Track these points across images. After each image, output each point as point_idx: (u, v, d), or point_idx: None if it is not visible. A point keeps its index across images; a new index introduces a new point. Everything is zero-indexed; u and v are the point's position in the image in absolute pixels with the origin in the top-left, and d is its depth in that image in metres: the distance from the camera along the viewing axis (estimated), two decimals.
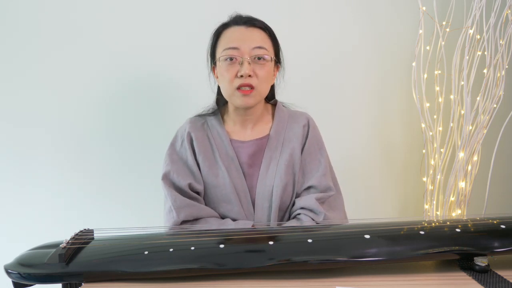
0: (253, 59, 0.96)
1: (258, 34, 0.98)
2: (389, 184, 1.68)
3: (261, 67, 0.97)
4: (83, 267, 0.71)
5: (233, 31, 0.98)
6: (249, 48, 0.95)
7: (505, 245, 0.71)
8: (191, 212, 0.98)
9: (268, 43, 0.99)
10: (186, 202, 0.98)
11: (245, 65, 0.94)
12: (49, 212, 1.61)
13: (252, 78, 0.96)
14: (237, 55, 0.95)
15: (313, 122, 1.10)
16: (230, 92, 0.98)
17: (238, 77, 0.95)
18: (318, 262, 0.70)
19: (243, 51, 0.95)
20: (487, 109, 1.42)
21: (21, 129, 1.58)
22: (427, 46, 1.51)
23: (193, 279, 0.71)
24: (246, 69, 0.94)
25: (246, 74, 0.94)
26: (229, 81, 0.96)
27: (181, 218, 0.96)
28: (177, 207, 0.97)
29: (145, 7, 1.55)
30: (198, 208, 0.99)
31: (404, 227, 0.75)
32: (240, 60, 0.95)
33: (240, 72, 0.94)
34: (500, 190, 1.66)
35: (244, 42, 0.95)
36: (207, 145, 1.05)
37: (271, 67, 1.00)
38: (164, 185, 1.01)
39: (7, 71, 1.56)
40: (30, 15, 1.53)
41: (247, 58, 0.95)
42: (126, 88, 1.58)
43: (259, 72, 0.96)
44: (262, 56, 0.96)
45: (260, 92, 0.99)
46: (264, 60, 0.97)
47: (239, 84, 0.95)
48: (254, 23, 0.99)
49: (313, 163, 1.05)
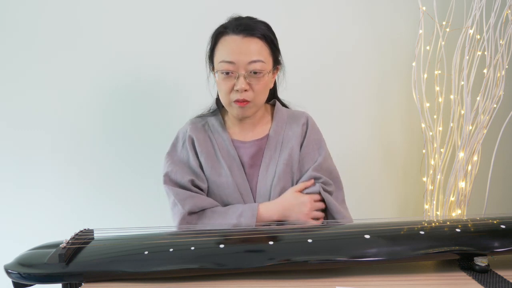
0: (249, 73, 0.95)
1: (255, 46, 0.96)
2: (389, 184, 1.68)
3: (257, 80, 0.96)
4: (83, 267, 0.71)
5: (230, 42, 0.96)
6: (245, 62, 0.94)
7: (505, 245, 0.71)
8: (195, 203, 0.98)
9: (265, 53, 0.97)
10: (188, 194, 0.99)
11: (240, 80, 0.94)
12: (49, 212, 1.61)
13: (248, 92, 0.96)
14: (233, 69, 0.95)
15: (312, 121, 1.10)
16: (227, 103, 1.00)
17: (234, 90, 0.96)
18: (318, 262, 0.70)
19: (238, 65, 0.94)
20: (487, 109, 1.42)
21: (21, 130, 1.58)
22: (427, 46, 1.51)
23: (193, 279, 0.71)
24: (241, 83, 0.94)
25: (242, 89, 0.94)
26: (226, 93, 0.97)
27: (187, 209, 0.96)
28: (181, 199, 0.98)
29: (145, 8, 1.54)
30: (201, 199, 0.99)
31: (404, 227, 0.75)
32: (236, 75, 0.95)
33: (236, 87, 0.95)
34: (500, 190, 1.67)
35: (239, 56, 0.94)
36: (209, 145, 1.05)
37: (268, 77, 0.99)
38: (166, 184, 1.01)
39: (8, 71, 1.56)
40: (30, 16, 1.53)
41: (242, 73, 0.94)
42: (126, 88, 1.58)
43: (255, 86, 0.96)
44: (258, 70, 0.95)
45: (256, 104, 0.99)
46: (261, 73, 0.96)
47: (235, 98, 0.96)
48: (252, 32, 0.96)
49: (310, 162, 1.05)
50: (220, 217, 0.96)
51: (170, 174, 1.02)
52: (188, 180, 1.00)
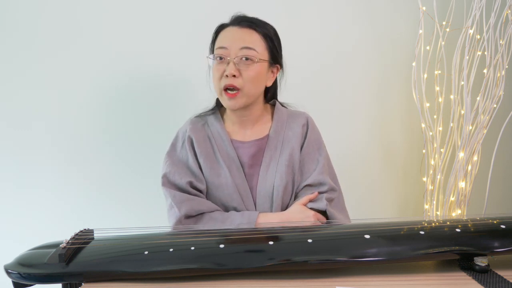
0: (240, 59, 0.96)
1: (248, 34, 0.98)
2: (389, 184, 1.68)
3: (247, 67, 0.97)
4: (83, 267, 0.71)
5: (226, 31, 1.00)
6: (237, 48, 0.96)
7: (505, 245, 0.71)
8: (192, 206, 0.97)
9: (259, 44, 0.98)
10: (186, 197, 0.98)
11: (230, 65, 0.96)
12: (49, 212, 1.61)
13: (237, 78, 0.96)
14: (225, 55, 0.97)
15: (312, 122, 1.10)
16: (218, 92, 1.00)
17: (224, 76, 0.96)
18: (318, 262, 0.70)
19: (230, 51, 0.96)
20: (487, 109, 1.42)
21: (21, 129, 1.58)
22: (427, 46, 1.51)
23: (193, 279, 0.71)
24: (230, 68, 0.95)
25: (230, 73, 0.95)
26: (217, 80, 0.98)
27: (183, 213, 0.96)
28: (177, 202, 0.97)
29: (145, 8, 1.54)
30: (198, 202, 0.99)
31: (404, 227, 0.75)
32: (227, 60, 0.96)
33: (226, 72, 0.96)
34: (500, 190, 1.67)
35: (232, 42, 0.97)
36: (208, 146, 1.05)
37: (261, 67, 0.99)
38: (164, 185, 1.01)
39: (7, 71, 1.56)
40: (30, 15, 1.53)
41: (233, 58, 0.96)
42: (126, 88, 1.58)
43: (245, 73, 0.96)
44: (249, 56, 0.96)
45: (246, 94, 0.98)
46: (251, 60, 0.97)
47: (224, 84, 0.97)
48: (248, 24, 0.99)
49: (311, 162, 1.05)
50: (216, 225, 0.95)
51: (168, 175, 1.02)
52: (187, 181, 1.00)
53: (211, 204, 1.00)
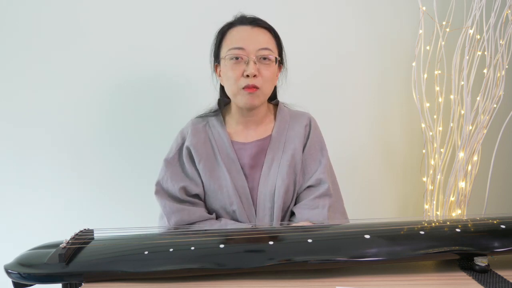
0: (258, 59, 0.96)
1: (263, 35, 0.98)
2: (389, 184, 1.68)
3: (266, 67, 0.97)
4: (83, 267, 0.71)
5: (238, 31, 0.98)
6: (255, 48, 0.95)
7: (505, 245, 0.71)
8: (181, 217, 0.98)
9: (272, 44, 1.00)
10: (175, 207, 0.98)
11: (251, 65, 0.94)
12: (49, 212, 1.61)
13: (257, 78, 0.96)
14: (243, 54, 0.95)
15: (314, 122, 1.10)
16: (235, 91, 0.98)
17: (244, 76, 0.95)
18: (318, 262, 0.70)
19: (249, 51, 0.95)
20: (487, 109, 1.42)
21: (21, 129, 1.58)
22: (427, 46, 1.51)
23: (193, 279, 0.71)
24: (252, 68, 0.94)
25: (252, 73, 0.94)
26: (235, 80, 0.96)
27: (172, 224, 0.97)
28: (167, 213, 0.98)
29: (146, 7, 1.55)
30: (188, 213, 0.99)
31: (404, 227, 0.75)
32: (246, 60, 0.95)
33: (247, 72, 0.94)
34: (500, 190, 1.67)
35: (250, 42, 0.95)
36: (208, 147, 1.04)
37: (275, 68, 1.00)
38: (156, 194, 1.02)
39: (7, 71, 1.56)
40: (30, 15, 1.53)
41: (253, 58, 0.95)
42: (126, 88, 1.58)
43: (264, 73, 0.97)
44: (267, 56, 0.96)
45: (264, 93, 0.99)
46: (270, 60, 0.97)
47: (245, 84, 0.95)
48: (259, 23, 0.99)
49: (314, 163, 1.04)
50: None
51: (162, 182, 1.02)
52: (180, 187, 1.00)
53: (203, 213, 1.00)
